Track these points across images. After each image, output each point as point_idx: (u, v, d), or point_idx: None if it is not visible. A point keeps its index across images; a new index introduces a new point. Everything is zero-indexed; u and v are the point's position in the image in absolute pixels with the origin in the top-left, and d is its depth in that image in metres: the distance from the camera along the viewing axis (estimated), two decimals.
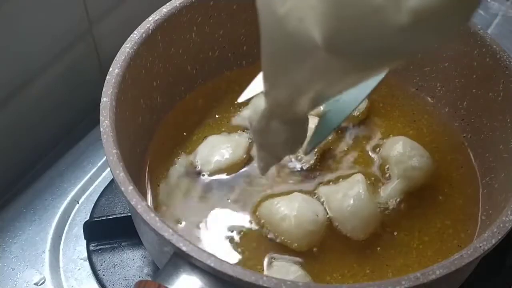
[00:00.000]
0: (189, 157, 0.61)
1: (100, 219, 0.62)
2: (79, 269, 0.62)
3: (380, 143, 0.63)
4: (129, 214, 0.59)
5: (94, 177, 0.69)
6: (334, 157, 0.62)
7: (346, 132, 0.64)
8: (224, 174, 0.60)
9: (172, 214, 0.57)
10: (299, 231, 0.54)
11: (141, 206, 0.46)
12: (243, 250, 0.55)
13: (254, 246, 0.55)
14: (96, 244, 0.62)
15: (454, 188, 0.61)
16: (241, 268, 0.43)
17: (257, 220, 0.57)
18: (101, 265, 0.61)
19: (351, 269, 0.54)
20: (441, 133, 0.65)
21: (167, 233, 0.44)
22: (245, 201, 0.58)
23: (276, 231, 0.55)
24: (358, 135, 0.64)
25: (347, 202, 0.56)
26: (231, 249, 0.55)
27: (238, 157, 0.60)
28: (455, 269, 0.44)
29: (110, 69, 0.54)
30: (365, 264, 0.55)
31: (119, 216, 0.62)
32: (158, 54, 0.60)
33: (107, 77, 0.54)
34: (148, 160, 0.61)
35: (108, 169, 0.66)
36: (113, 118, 0.51)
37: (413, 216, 0.58)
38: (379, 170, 0.61)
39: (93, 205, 0.65)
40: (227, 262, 0.43)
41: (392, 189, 0.59)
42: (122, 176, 0.47)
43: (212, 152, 0.61)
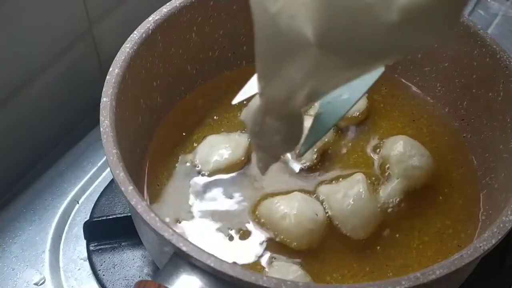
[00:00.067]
0: (189, 157, 0.61)
1: (100, 219, 0.62)
2: (79, 269, 0.62)
3: (380, 143, 0.63)
4: (129, 214, 0.59)
5: (94, 177, 0.69)
6: (334, 157, 0.62)
7: (346, 132, 0.64)
8: (224, 174, 0.60)
9: (172, 214, 0.57)
10: (299, 230, 0.54)
11: (141, 206, 0.46)
12: (243, 250, 0.55)
13: (254, 246, 0.55)
14: (96, 244, 0.62)
15: (454, 188, 0.61)
16: (241, 268, 0.43)
17: (257, 220, 0.57)
18: (101, 265, 0.61)
19: (351, 269, 0.55)
20: (441, 133, 0.65)
21: (167, 233, 0.44)
22: (245, 201, 0.58)
23: (276, 230, 0.55)
24: (358, 135, 0.64)
25: (347, 202, 0.56)
26: (231, 249, 0.55)
27: (238, 157, 0.60)
28: (455, 269, 0.44)
29: (110, 69, 0.54)
30: (365, 264, 0.55)
31: (119, 216, 0.62)
32: (158, 54, 0.60)
33: (107, 77, 0.54)
34: (148, 160, 0.61)
35: (108, 169, 0.66)
36: (113, 118, 0.51)
37: (413, 216, 0.58)
38: (379, 170, 0.61)
39: (93, 205, 0.65)
40: (227, 262, 0.43)
41: (392, 189, 0.59)
42: (122, 176, 0.47)
43: (212, 152, 0.61)
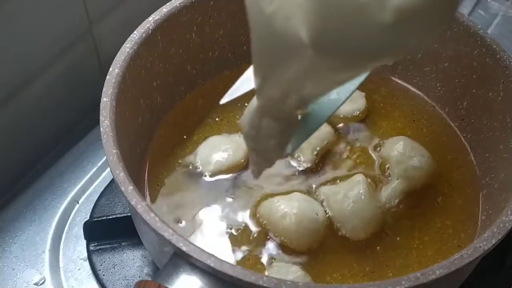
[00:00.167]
0: (189, 157, 0.61)
1: (100, 219, 0.62)
2: (79, 269, 0.62)
3: (380, 143, 0.63)
4: (129, 214, 0.59)
5: (94, 177, 0.69)
6: (334, 157, 0.62)
7: (346, 132, 0.64)
8: (224, 175, 0.60)
9: (172, 214, 0.57)
10: (299, 229, 0.54)
11: (141, 206, 0.46)
12: (243, 250, 0.55)
13: (254, 246, 0.55)
14: (96, 244, 0.62)
15: (454, 188, 0.61)
16: (241, 268, 0.43)
17: (257, 220, 0.57)
18: (101, 265, 0.61)
19: (351, 269, 0.55)
20: (441, 133, 0.65)
21: (167, 233, 0.44)
22: (245, 201, 0.58)
23: (276, 230, 0.55)
24: (358, 135, 0.64)
25: (347, 203, 0.56)
26: (231, 249, 0.55)
27: (239, 158, 0.60)
28: (455, 269, 0.44)
29: (110, 69, 0.54)
30: (365, 264, 0.55)
31: (119, 216, 0.62)
32: (158, 54, 0.60)
33: (107, 77, 0.54)
34: (148, 160, 0.61)
35: (108, 169, 0.66)
36: (113, 118, 0.51)
37: (413, 216, 0.58)
38: (379, 170, 0.61)
39: (93, 205, 0.65)
40: (227, 262, 0.43)
41: (392, 189, 0.59)
42: (122, 176, 0.47)
43: (213, 153, 0.60)
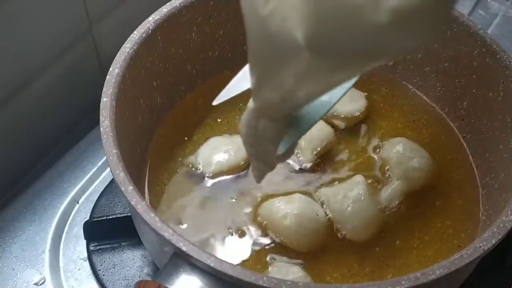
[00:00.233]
0: (190, 158, 0.61)
1: (100, 219, 0.62)
2: (79, 269, 0.62)
3: (380, 144, 0.63)
4: (129, 214, 0.59)
5: (94, 177, 0.68)
6: (335, 158, 0.62)
7: (346, 133, 0.64)
8: (225, 176, 0.60)
9: (172, 214, 0.57)
10: (300, 230, 0.54)
11: (141, 206, 0.46)
12: (243, 250, 0.55)
13: (255, 246, 0.55)
14: (96, 244, 0.62)
15: (454, 188, 0.61)
16: (241, 268, 0.43)
17: (258, 221, 0.57)
18: (101, 265, 0.61)
19: (351, 269, 0.55)
20: (441, 133, 0.65)
21: (167, 233, 0.44)
22: (246, 202, 0.58)
23: (277, 231, 0.55)
24: (358, 136, 0.64)
25: (347, 203, 0.56)
26: (231, 249, 0.55)
27: (240, 160, 0.60)
28: (455, 269, 0.44)
29: (110, 69, 0.54)
30: (365, 264, 0.55)
31: (119, 216, 0.62)
32: (158, 54, 0.60)
33: (107, 77, 0.54)
34: (148, 160, 0.61)
35: (108, 169, 0.66)
36: (113, 118, 0.51)
37: (413, 216, 0.58)
38: (379, 171, 0.61)
39: (93, 205, 0.64)
40: (227, 262, 0.43)
41: (392, 190, 0.59)
42: (122, 176, 0.47)
43: (214, 154, 0.60)
